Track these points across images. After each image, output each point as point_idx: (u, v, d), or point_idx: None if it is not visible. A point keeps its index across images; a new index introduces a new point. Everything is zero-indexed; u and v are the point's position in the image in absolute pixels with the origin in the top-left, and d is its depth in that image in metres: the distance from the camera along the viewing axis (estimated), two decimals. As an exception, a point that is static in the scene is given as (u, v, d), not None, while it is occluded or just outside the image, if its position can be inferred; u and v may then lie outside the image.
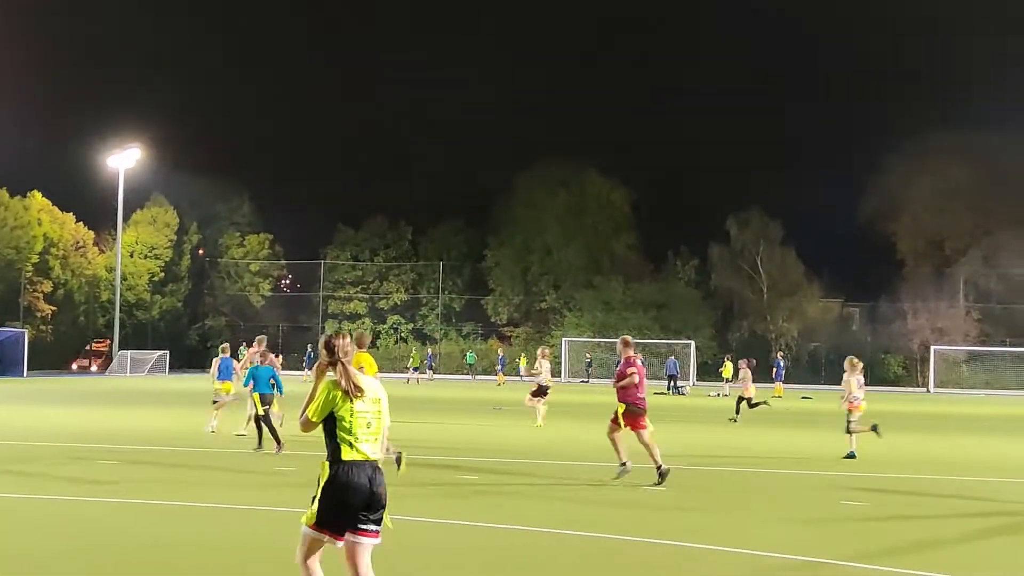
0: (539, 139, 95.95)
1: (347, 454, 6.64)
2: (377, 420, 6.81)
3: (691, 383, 62.72)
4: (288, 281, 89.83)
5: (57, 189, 72.72)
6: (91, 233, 76.34)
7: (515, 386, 55.07)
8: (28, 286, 68.10)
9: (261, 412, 19.64)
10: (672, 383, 53.88)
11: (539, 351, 29.02)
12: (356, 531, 6.67)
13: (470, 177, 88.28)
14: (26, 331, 61.49)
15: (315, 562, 6.74)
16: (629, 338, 16.75)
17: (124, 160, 69.88)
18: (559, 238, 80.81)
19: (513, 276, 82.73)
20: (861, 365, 21.01)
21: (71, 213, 74.11)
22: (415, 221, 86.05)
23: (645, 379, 16.10)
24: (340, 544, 6.68)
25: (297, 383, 57.89)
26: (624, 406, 15.82)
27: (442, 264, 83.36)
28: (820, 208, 72.72)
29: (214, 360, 25.21)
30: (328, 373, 6.90)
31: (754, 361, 22.09)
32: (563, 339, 73.73)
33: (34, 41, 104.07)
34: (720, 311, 79.99)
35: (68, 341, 72.26)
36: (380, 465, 6.81)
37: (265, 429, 19.61)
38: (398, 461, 12.04)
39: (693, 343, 70.59)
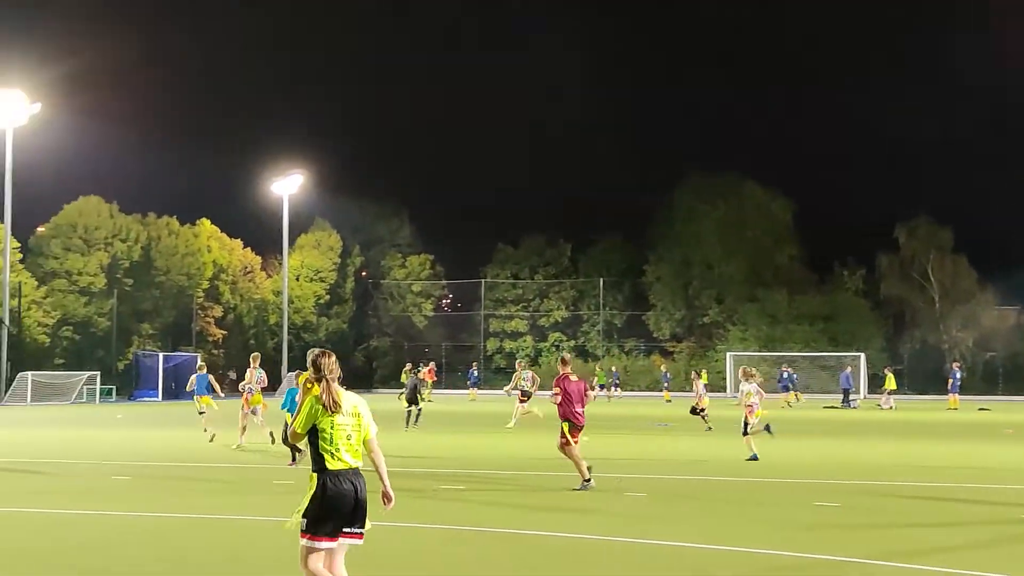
0: (694, 152, 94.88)
1: (331, 464, 7.28)
2: (357, 432, 7.43)
3: (862, 396, 60.72)
4: (449, 300, 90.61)
5: (224, 216, 75.11)
6: (258, 258, 78.44)
7: (681, 402, 54.13)
8: (200, 311, 70.19)
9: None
10: (846, 397, 52.27)
11: (517, 363, 34.87)
12: (341, 534, 7.31)
13: (627, 193, 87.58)
14: (199, 355, 63.27)
15: (317, 565, 7.27)
16: (567, 356, 17.50)
17: (288, 186, 71.45)
18: (719, 251, 79.40)
19: (674, 291, 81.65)
20: (756, 374, 22.59)
21: (239, 239, 76.36)
22: (573, 238, 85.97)
23: (583, 397, 16.93)
24: (334, 545, 7.30)
25: (462, 402, 58.29)
26: (567, 423, 16.59)
27: (602, 280, 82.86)
28: (992, 214, 69.94)
29: (191, 377, 28.66)
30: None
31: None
32: (727, 353, 72.34)
33: (198, 75, 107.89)
34: (890, 321, 77.51)
35: (239, 364, 74.05)
36: (362, 472, 7.43)
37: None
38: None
39: (863, 355, 68.42)
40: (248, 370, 26.16)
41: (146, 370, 61.36)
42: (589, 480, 16.40)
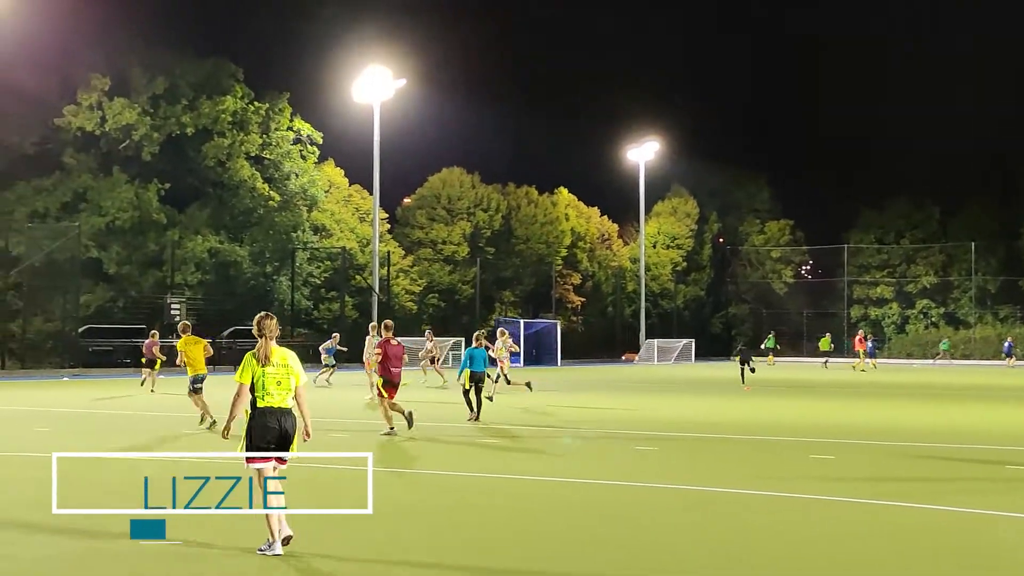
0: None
1: (260, 403, 9.04)
2: (286, 379, 9.13)
3: None
4: (809, 267, 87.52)
5: (581, 185, 75.81)
6: (615, 226, 78.74)
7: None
8: (559, 279, 71.17)
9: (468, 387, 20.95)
10: None
11: (498, 332, 30.08)
12: (269, 458, 8.99)
13: (998, 152, 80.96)
14: (558, 322, 64.15)
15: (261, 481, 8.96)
16: (389, 323, 19.75)
17: (643, 153, 71.13)
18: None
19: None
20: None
21: (595, 207, 76.86)
22: (941, 200, 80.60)
23: (399, 358, 18.84)
24: (268, 466, 8.97)
25: (822, 370, 55.97)
26: (382, 380, 18.74)
27: (974, 244, 77.20)
28: None
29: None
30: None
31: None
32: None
33: (555, 47, 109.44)
34: None
35: (597, 331, 74.74)
36: (290, 411, 9.13)
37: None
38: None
39: None
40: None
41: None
42: (393, 429, 18.20)
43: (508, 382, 28.20)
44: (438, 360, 38.20)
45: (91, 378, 40.47)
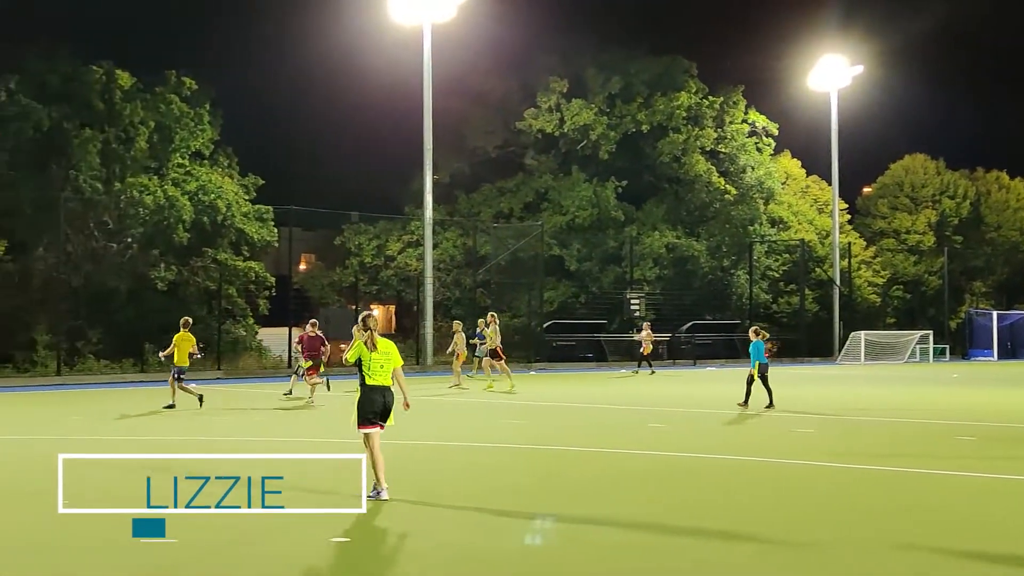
0: None
1: (368, 382, 11.16)
2: (387, 363, 11.19)
3: None
4: None
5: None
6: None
7: None
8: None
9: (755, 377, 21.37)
10: None
11: (489, 316, 30.57)
12: (375, 424, 11.09)
13: None
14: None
15: (375, 446, 10.98)
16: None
17: None
18: None
19: None
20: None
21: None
22: None
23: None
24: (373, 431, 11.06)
25: None
26: (310, 362, 23.89)
27: None
28: None
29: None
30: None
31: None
32: None
33: None
34: None
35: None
36: (390, 388, 11.24)
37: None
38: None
39: None
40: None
41: (980, 329, 58.75)
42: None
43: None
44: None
45: (555, 371, 41.44)
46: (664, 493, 11.69)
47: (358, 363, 11.20)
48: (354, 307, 39.46)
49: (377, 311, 52.90)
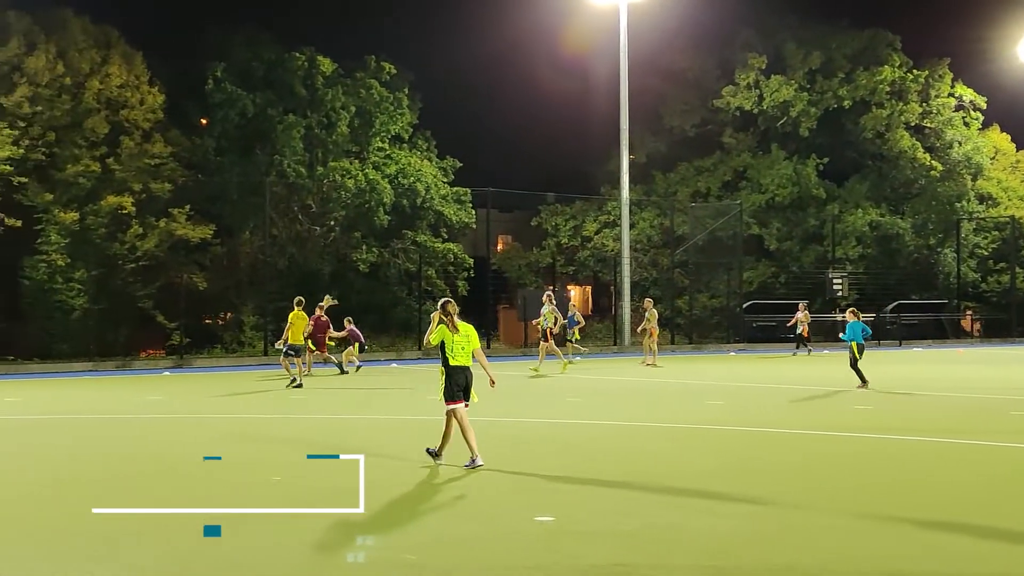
0: None
1: (452, 363, 12.07)
2: (468, 345, 12.13)
3: None
4: None
5: None
6: None
7: None
8: None
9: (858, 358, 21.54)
10: None
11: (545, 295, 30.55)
12: (460, 400, 12.03)
13: None
14: None
15: (464, 419, 12.00)
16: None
17: None
18: None
19: None
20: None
21: None
22: None
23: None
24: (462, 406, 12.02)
25: None
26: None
27: None
28: None
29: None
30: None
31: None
32: None
33: None
34: None
35: None
36: (470, 367, 12.22)
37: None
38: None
39: None
40: None
41: None
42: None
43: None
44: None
45: (755, 352, 40.97)
46: (869, 477, 11.52)
47: (441, 345, 12.11)
48: (551, 288, 39.64)
49: (574, 292, 53.32)
